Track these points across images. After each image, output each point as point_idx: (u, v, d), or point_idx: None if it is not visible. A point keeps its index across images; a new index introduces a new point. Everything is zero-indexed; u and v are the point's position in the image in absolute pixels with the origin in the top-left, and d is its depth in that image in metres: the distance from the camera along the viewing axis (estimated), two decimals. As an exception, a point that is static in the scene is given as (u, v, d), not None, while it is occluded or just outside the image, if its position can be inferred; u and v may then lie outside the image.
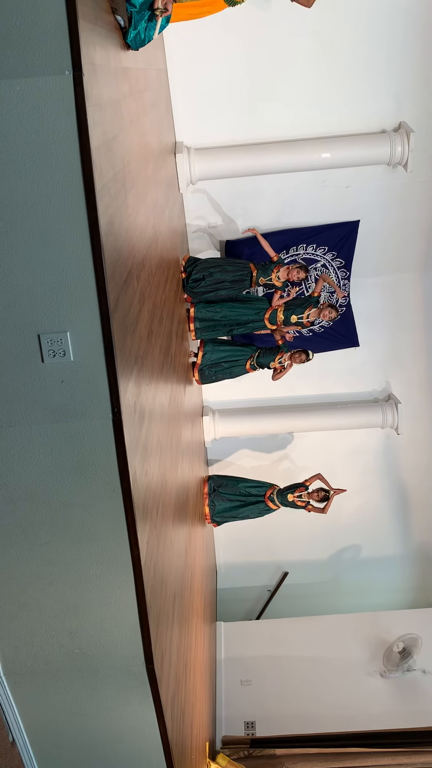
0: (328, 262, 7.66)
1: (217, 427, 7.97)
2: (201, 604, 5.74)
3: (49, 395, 2.57)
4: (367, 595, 8.85)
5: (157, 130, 4.91)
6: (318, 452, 8.39)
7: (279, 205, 7.33)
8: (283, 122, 6.73)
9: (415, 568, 8.95)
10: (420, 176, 7.02)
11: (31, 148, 2.26)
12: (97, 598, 2.92)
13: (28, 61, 2.22)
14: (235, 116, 6.68)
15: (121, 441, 2.64)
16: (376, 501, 8.65)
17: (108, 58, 2.87)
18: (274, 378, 6.78)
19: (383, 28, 6.26)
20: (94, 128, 2.39)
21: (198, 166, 6.54)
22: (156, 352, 3.78)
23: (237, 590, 8.88)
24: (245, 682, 7.34)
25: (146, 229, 3.71)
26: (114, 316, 2.56)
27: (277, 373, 6.72)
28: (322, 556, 8.87)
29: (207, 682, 6.06)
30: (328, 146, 6.65)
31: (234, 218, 7.39)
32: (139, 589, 2.89)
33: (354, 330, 7.99)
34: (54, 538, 2.80)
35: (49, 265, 2.41)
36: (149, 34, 3.39)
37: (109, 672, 3.11)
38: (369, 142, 6.67)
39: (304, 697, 7.19)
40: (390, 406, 8.02)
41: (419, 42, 6.33)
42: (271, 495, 6.92)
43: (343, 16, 6.17)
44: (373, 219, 7.46)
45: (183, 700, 4.11)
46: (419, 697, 7.26)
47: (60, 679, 3.16)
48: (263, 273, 6.44)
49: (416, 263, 7.96)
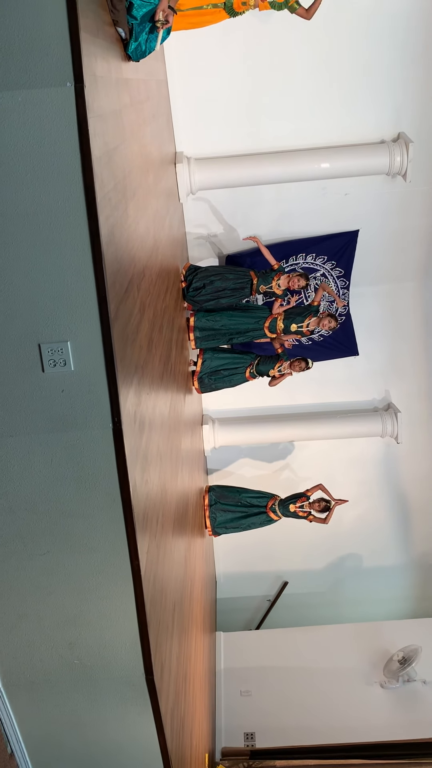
0: (328, 272, 7.68)
1: (217, 435, 7.96)
2: (201, 614, 5.72)
3: (50, 405, 2.57)
4: (368, 604, 8.81)
5: (157, 140, 4.94)
6: (318, 461, 8.38)
7: (279, 215, 7.35)
8: (283, 132, 6.76)
9: (416, 577, 8.92)
10: (419, 186, 7.05)
11: (33, 158, 2.27)
12: (97, 608, 2.91)
13: (30, 73, 2.23)
14: (235, 126, 6.71)
15: (121, 451, 2.63)
16: (377, 510, 8.64)
17: (109, 69, 2.89)
18: (271, 384, 6.78)
19: (383, 39, 6.30)
20: (95, 139, 2.40)
21: (198, 175, 6.56)
22: (156, 362, 3.78)
23: (237, 600, 8.84)
24: (245, 693, 7.30)
25: (146, 238, 3.72)
26: (114, 326, 2.56)
27: (275, 379, 6.72)
28: (322, 565, 8.84)
29: (206, 693, 6.02)
30: (327, 156, 6.68)
31: (234, 227, 7.42)
32: (139, 599, 2.88)
33: (353, 339, 8.00)
34: (54, 548, 2.79)
35: (50, 274, 2.41)
36: (150, 45, 3.41)
37: (109, 683, 3.10)
38: (368, 153, 6.69)
39: (304, 708, 7.15)
40: (390, 415, 8.02)
41: (418, 53, 6.37)
42: (273, 506, 6.90)
43: (343, 27, 6.21)
44: (373, 229, 7.48)
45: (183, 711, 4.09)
46: (419, 707, 7.22)
47: (59, 691, 3.14)
48: (264, 281, 6.45)
49: (415, 272, 7.98)
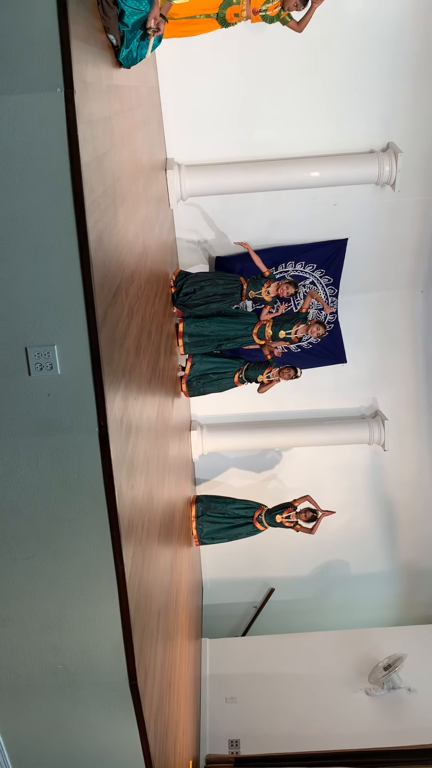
0: (317, 279, 7.72)
1: (205, 441, 7.97)
2: (186, 620, 5.71)
3: (36, 409, 2.57)
4: (353, 612, 8.83)
5: (148, 146, 4.96)
6: (306, 469, 8.40)
7: (268, 222, 7.39)
8: (273, 140, 6.81)
9: (401, 585, 8.95)
10: (407, 196, 7.12)
11: (22, 163, 2.28)
12: (81, 613, 2.90)
13: (20, 78, 2.24)
14: (226, 134, 6.75)
15: (107, 455, 2.64)
16: (363, 517, 8.67)
17: (100, 75, 2.91)
18: (260, 391, 6.80)
19: (373, 50, 6.37)
20: (85, 144, 2.41)
21: (189, 182, 6.59)
22: (144, 367, 3.79)
23: (223, 606, 8.83)
24: (230, 700, 7.29)
25: (136, 244, 3.74)
26: (102, 330, 2.57)
27: (264, 386, 6.74)
28: (309, 572, 8.85)
29: (191, 700, 6.01)
30: (317, 165, 6.73)
31: (224, 234, 7.45)
32: (124, 604, 2.87)
33: (342, 346, 8.04)
34: (38, 553, 2.79)
35: (37, 278, 2.42)
36: (141, 52, 3.43)
37: (92, 688, 3.09)
38: (358, 162, 6.75)
39: (289, 715, 7.14)
40: (377, 423, 8.06)
41: (408, 65, 6.44)
42: (260, 516, 6.91)
43: (334, 38, 6.27)
44: (362, 237, 7.54)
45: (166, 717, 4.07)
46: (404, 715, 7.23)
47: (42, 696, 3.12)
48: (254, 286, 6.49)
49: (403, 281, 8.05)
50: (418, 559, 8.85)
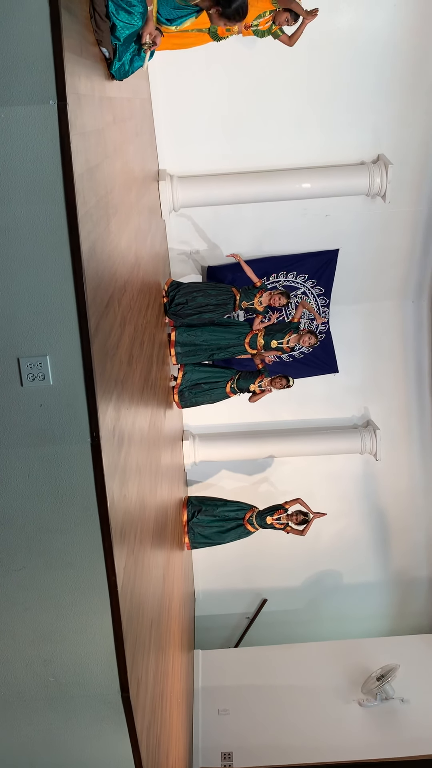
0: (308, 290, 7.76)
1: (197, 451, 7.96)
2: (178, 632, 5.68)
3: (28, 419, 2.57)
4: (346, 622, 8.81)
5: (140, 157, 4.99)
6: (298, 477, 8.40)
7: (260, 233, 7.43)
8: (265, 152, 6.86)
9: (394, 595, 8.94)
10: (398, 207, 7.18)
11: (15, 174, 2.29)
12: (73, 624, 2.88)
13: (13, 90, 2.26)
14: (218, 145, 6.80)
15: (99, 465, 2.63)
16: (355, 527, 8.67)
17: (92, 88, 2.93)
18: (252, 400, 6.81)
19: (363, 64, 6.44)
20: (78, 156, 2.43)
21: (181, 193, 6.62)
22: (136, 377, 3.79)
23: (215, 617, 8.79)
24: (222, 712, 7.24)
25: (128, 254, 3.75)
26: (94, 341, 2.57)
27: (255, 395, 6.75)
28: (301, 582, 8.83)
29: (183, 712, 5.97)
30: (308, 176, 6.79)
31: (216, 245, 7.48)
32: (116, 615, 2.86)
33: (333, 356, 8.07)
34: (30, 564, 2.77)
35: (30, 289, 2.42)
36: (134, 65, 3.46)
37: (84, 701, 3.06)
38: (348, 174, 6.81)
39: (283, 727, 7.10)
40: (369, 432, 8.08)
41: (398, 78, 6.52)
42: (250, 518, 6.90)
43: (325, 52, 6.34)
44: (353, 248, 7.59)
45: (159, 729, 4.05)
46: (398, 726, 7.20)
47: (33, 709, 3.09)
48: (246, 297, 6.51)
49: (394, 291, 8.10)
50: (410, 568, 8.85)
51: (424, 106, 6.67)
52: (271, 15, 5.50)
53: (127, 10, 3.13)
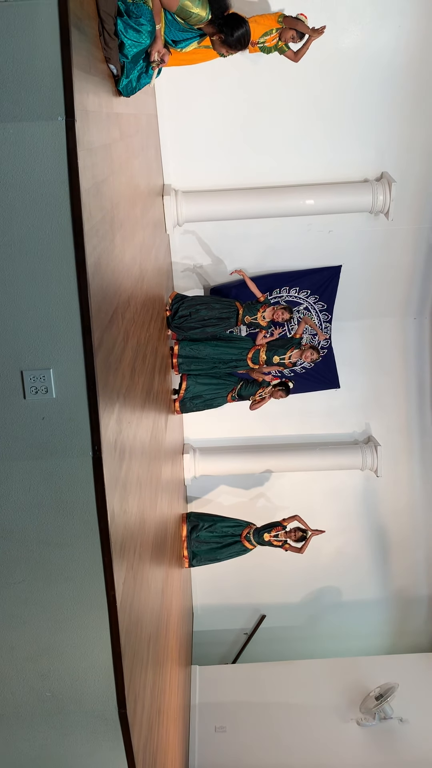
0: (311, 305, 7.78)
1: (198, 465, 7.95)
2: (176, 647, 5.64)
3: (30, 432, 2.57)
4: (345, 639, 8.75)
5: (145, 172, 5.02)
6: (298, 492, 8.38)
7: (264, 248, 7.47)
8: (269, 168, 6.91)
9: (394, 612, 8.88)
10: (400, 225, 7.22)
11: (23, 189, 2.31)
12: (71, 639, 2.87)
13: (22, 106, 2.28)
14: (223, 161, 6.84)
15: (100, 479, 2.63)
16: (355, 544, 8.63)
17: (100, 104, 2.96)
18: (252, 408, 6.78)
19: (368, 82, 6.50)
20: (85, 172, 2.45)
21: (185, 208, 6.66)
22: (138, 390, 3.80)
23: (213, 633, 8.73)
24: (219, 729, 7.17)
25: (132, 268, 3.77)
26: (97, 354, 2.58)
27: (256, 403, 6.73)
28: (300, 599, 8.78)
29: (180, 729, 5.91)
30: (312, 193, 6.83)
31: (220, 259, 7.51)
32: (114, 630, 2.84)
33: (335, 372, 8.08)
34: (29, 577, 2.76)
35: (35, 302, 2.43)
36: (141, 82, 3.50)
37: (81, 716, 3.04)
38: (352, 191, 6.85)
39: (280, 745, 7.03)
40: (369, 448, 8.07)
41: (402, 96, 6.57)
42: (248, 534, 6.87)
43: (329, 69, 6.41)
44: (355, 264, 7.62)
45: (155, 746, 4.01)
46: (396, 746, 7.13)
47: (29, 724, 3.07)
48: (249, 312, 6.53)
49: (396, 308, 8.12)
50: (410, 586, 8.79)
51: (427, 124, 6.73)
52: (277, 32, 5.57)
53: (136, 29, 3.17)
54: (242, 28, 3.42)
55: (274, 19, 5.53)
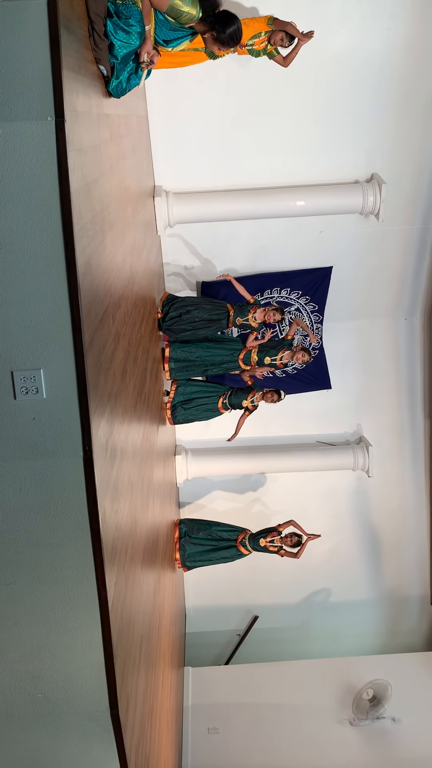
0: (302, 306, 7.80)
1: (190, 466, 7.94)
2: (169, 648, 5.63)
3: (20, 432, 2.56)
4: (338, 640, 8.76)
5: (136, 174, 5.03)
6: (290, 494, 8.39)
7: (255, 250, 7.48)
8: (260, 170, 6.93)
9: (386, 612, 8.91)
10: (391, 226, 7.25)
11: (12, 189, 2.31)
12: (63, 640, 2.86)
13: (11, 106, 2.28)
14: (214, 162, 6.86)
15: (91, 480, 2.63)
16: (348, 544, 8.65)
17: (90, 105, 2.96)
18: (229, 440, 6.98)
19: (357, 84, 6.54)
20: (75, 172, 2.45)
21: (176, 209, 6.67)
22: (130, 391, 3.80)
23: (206, 634, 8.73)
24: (212, 730, 7.16)
25: (123, 269, 3.77)
26: (88, 355, 2.58)
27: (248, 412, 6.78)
28: (293, 600, 8.78)
29: (173, 730, 5.90)
30: (303, 194, 6.85)
31: (211, 260, 7.52)
32: (106, 631, 2.84)
33: (326, 373, 8.10)
34: (20, 578, 2.76)
35: (25, 303, 2.43)
36: (131, 83, 3.50)
37: (73, 718, 3.03)
38: (342, 192, 6.88)
39: (273, 747, 7.03)
40: (361, 449, 8.09)
41: (393, 98, 6.61)
42: (243, 540, 6.86)
43: (319, 71, 6.43)
44: (346, 265, 7.65)
45: (148, 748, 4.00)
46: (389, 746, 7.14)
47: (21, 726, 3.06)
48: (240, 313, 6.54)
49: (387, 309, 8.15)
50: (402, 586, 8.82)
51: (417, 126, 6.77)
52: (266, 35, 5.58)
53: (126, 30, 3.17)
54: (234, 25, 3.43)
55: (263, 22, 5.54)
